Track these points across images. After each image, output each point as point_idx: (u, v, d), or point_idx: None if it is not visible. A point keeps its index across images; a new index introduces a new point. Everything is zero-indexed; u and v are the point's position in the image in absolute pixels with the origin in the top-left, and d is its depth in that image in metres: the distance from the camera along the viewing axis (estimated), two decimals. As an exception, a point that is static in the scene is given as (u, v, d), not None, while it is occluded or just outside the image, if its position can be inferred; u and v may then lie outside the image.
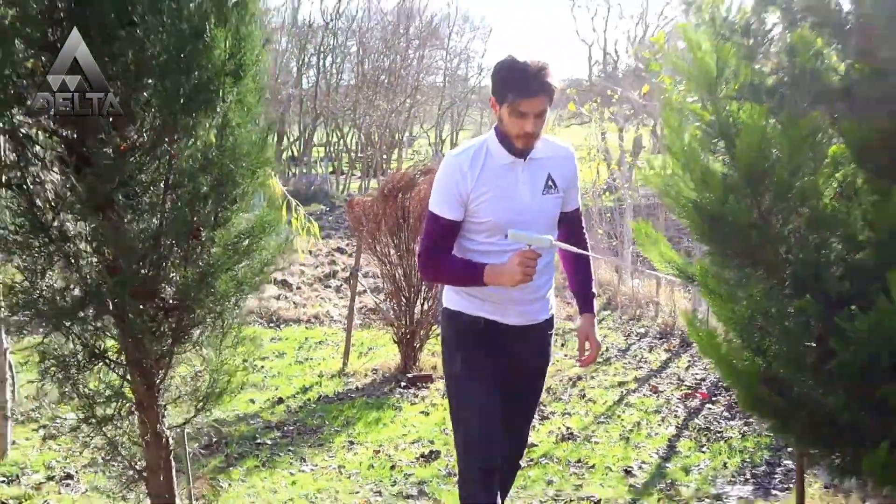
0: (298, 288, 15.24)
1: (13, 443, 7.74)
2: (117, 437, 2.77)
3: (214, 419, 8.36)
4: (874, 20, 3.04)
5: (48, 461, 7.36)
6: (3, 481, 7.09)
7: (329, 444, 7.77)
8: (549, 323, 4.08)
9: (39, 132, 2.69)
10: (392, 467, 7.08)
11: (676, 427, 7.99)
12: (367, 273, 14.15)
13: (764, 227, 4.00)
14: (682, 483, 6.60)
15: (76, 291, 2.58)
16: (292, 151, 36.78)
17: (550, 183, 3.83)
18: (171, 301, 2.60)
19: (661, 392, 9.12)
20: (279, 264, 2.89)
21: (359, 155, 35.03)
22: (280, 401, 9.14)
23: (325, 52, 35.08)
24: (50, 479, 7.03)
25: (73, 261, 2.56)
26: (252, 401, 9.14)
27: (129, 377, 2.70)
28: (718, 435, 7.70)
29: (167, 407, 2.76)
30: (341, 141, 36.23)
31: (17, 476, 7.11)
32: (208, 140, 2.58)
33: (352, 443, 7.78)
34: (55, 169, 2.64)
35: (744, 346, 4.31)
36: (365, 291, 12.65)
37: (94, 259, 2.59)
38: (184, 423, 2.82)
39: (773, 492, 6.37)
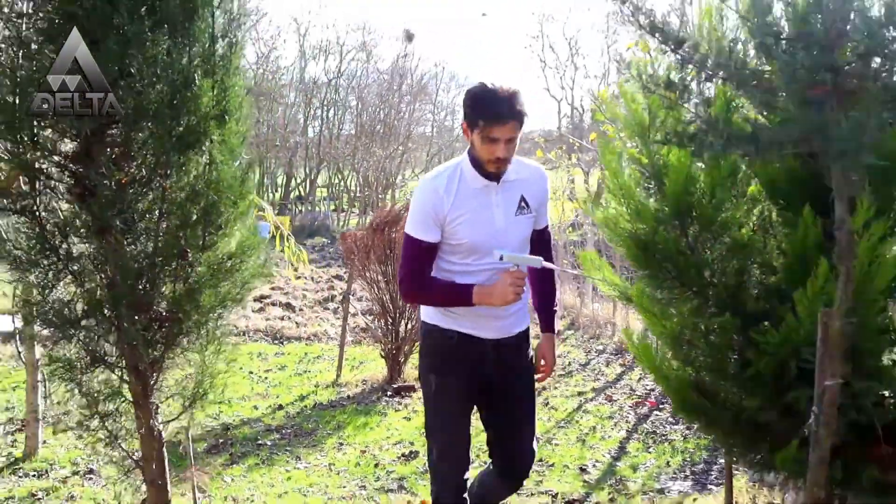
0: (301, 310, 15.21)
1: (44, 442, 7.70)
2: (117, 431, 2.77)
3: (221, 423, 8.35)
4: (776, 76, 3.07)
5: (74, 458, 7.33)
6: (34, 475, 7.05)
7: (322, 445, 7.74)
8: (525, 335, 3.79)
9: (52, 168, 2.70)
10: (376, 465, 7.06)
11: (627, 431, 7.98)
12: (360, 297, 14.14)
13: (690, 254, 4.03)
14: (630, 479, 6.60)
15: (80, 304, 2.59)
16: (299, 191, 36.72)
17: (523, 204, 3.53)
18: (162, 313, 2.62)
19: (615, 400, 9.10)
20: (256, 284, 2.88)
21: (357, 195, 35.00)
22: (280, 407, 9.10)
23: (328, 105, 35.17)
24: (75, 473, 7.00)
25: (78, 278, 2.58)
26: (256, 407, 9.11)
27: (126, 378, 2.71)
28: (663, 437, 7.68)
29: (160, 405, 2.76)
30: (342, 182, 36.22)
31: (47, 471, 7.08)
32: (196, 175, 2.60)
33: (341, 444, 7.75)
34: (64, 198, 2.65)
35: (675, 357, 4.33)
36: (356, 314, 12.62)
37: (97, 276, 2.61)
38: (175, 419, 2.82)
39: (709, 486, 6.37)
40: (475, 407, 3.80)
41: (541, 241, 3.86)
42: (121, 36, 2.49)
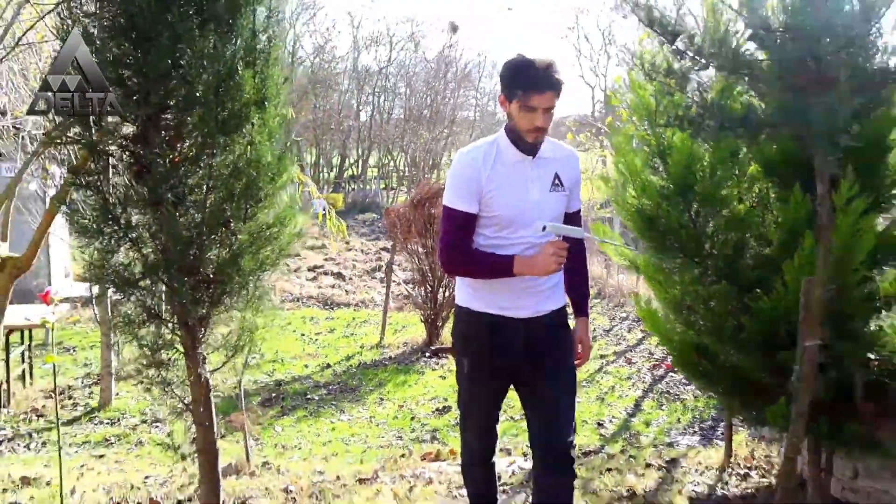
0: (350, 279, 15.42)
1: (117, 394, 7.97)
2: (170, 378, 2.93)
3: (275, 379, 8.55)
4: (768, 65, 3.10)
5: (143, 408, 7.57)
6: (107, 423, 7.31)
7: (364, 399, 7.90)
8: (562, 313, 3.34)
9: (114, 148, 2.82)
10: (412, 418, 7.20)
11: (643, 390, 8.03)
12: (403, 268, 14.28)
13: (692, 228, 4.07)
14: (644, 434, 6.66)
15: (137, 268, 2.73)
16: (353, 171, 36.96)
17: (557, 181, 3.21)
18: (209, 275, 2.75)
19: (634, 363, 9.15)
20: (293, 250, 3.00)
21: (405, 174, 35.16)
22: (328, 366, 9.28)
23: (378, 91, 35.31)
24: (143, 421, 7.25)
25: (135, 244, 2.71)
26: (306, 365, 9.30)
27: (177, 333, 2.85)
28: (676, 397, 7.73)
29: (207, 356, 2.91)
30: (392, 163, 36.41)
31: (119, 419, 7.34)
32: (239, 154, 2.72)
33: (382, 399, 7.90)
34: (124, 175, 2.78)
35: (678, 322, 4.37)
36: (399, 283, 12.75)
37: (152, 243, 2.75)
38: (219, 368, 2.97)
39: (715, 441, 6.42)
40: (510, 385, 3.41)
41: (574, 223, 3.42)
42: (172, 32, 2.59)
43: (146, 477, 5.16)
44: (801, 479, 4.69)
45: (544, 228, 3.00)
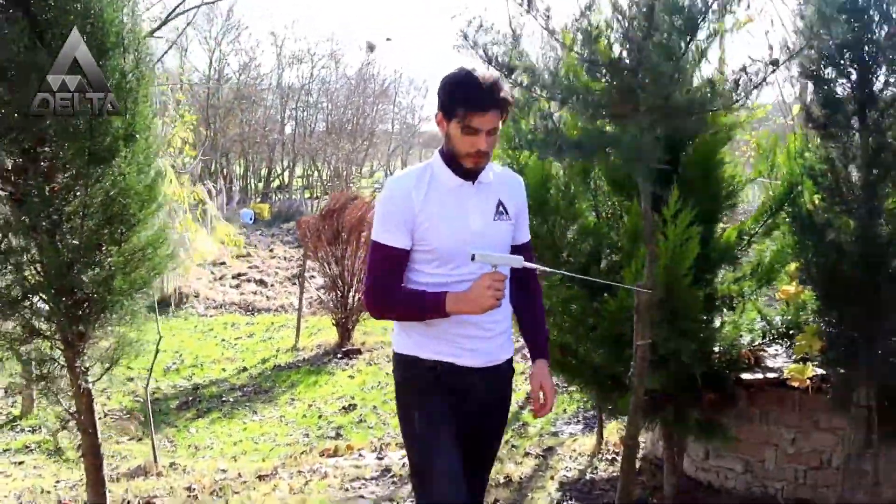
0: (272, 285, 15.33)
1: (38, 402, 7.81)
2: (55, 389, 2.96)
3: (193, 384, 8.49)
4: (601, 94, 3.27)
5: (62, 416, 7.44)
6: (29, 431, 7.17)
7: (276, 400, 7.92)
8: (510, 364, 2.76)
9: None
10: (319, 416, 7.26)
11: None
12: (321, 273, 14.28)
13: (548, 237, 4.24)
14: (532, 424, 6.82)
15: (18, 289, 2.76)
16: (280, 181, 36.66)
17: (501, 209, 2.66)
18: (86, 295, 2.80)
19: (527, 359, 9.33)
20: (165, 271, 3.04)
21: (328, 184, 35.02)
22: (244, 369, 9.27)
23: (302, 106, 35.13)
24: (64, 428, 7.11)
25: (17, 268, 2.74)
26: (223, 369, 9.26)
27: (61, 347, 2.89)
28: (564, 389, 7.90)
29: (89, 368, 2.95)
30: (315, 173, 36.22)
31: (39, 427, 7.20)
32: (111, 183, 2.77)
33: (293, 399, 7.94)
34: (6, 204, 2.80)
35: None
36: (309, 289, 12.75)
37: (31, 267, 2.78)
38: (98, 378, 3.02)
39: (596, 429, 6.61)
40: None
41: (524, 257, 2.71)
42: (40, 73, 2.63)
43: (57, 481, 5.11)
44: (659, 460, 4.93)
45: (473, 258, 2.46)
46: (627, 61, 3.17)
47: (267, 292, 14.60)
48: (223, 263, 17.52)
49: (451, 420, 2.58)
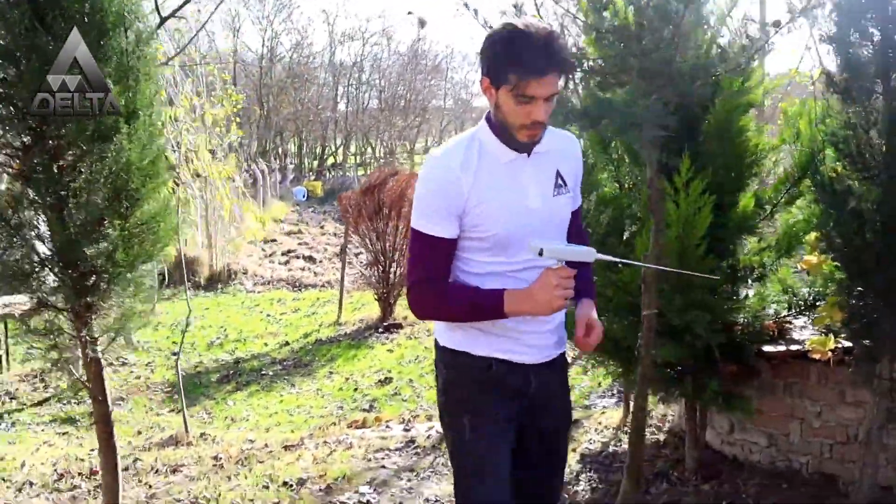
0: (321, 262, 15.53)
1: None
2: (66, 358, 3.10)
3: (235, 357, 8.69)
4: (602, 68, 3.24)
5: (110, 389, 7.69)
6: (75, 403, 7.43)
7: (315, 374, 8.05)
8: (564, 358, 2.44)
9: (6, 157, 2.93)
10: (355, 389, 7.36)
11: (572, 358, 8.19)
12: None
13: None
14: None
15: (28, 263, 2.87)
16: (334, 159, 37.08)
17: (560, 181, 2.28)
18: (91, 267, 2.90)
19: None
20: (168, 244, 3.13)
21: (382, 161, 35.26)
22: (286, 343, 9.43)
23: (354, 83, 35.38)
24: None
25: (27, 242, 2.85)
26: (266, 344, 9.44)
27: (71, 318, 3.01)
28: (601, 363, 7.87)
29: (98, 338, 3.07)
30: (369, 150, 36.52)
31: (86, 399, 7.44)
32: (114, 160, 2.85)
33: (331, 373, 8.06)
34: (17, 181, 2.91)
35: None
36: (354, 265, 12.87)
37: (42, 241, 2.89)
38: (107, 346, 3.14)
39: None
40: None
41: (575, 227, 2.45)
42: (43, 56, 2.73)
43: (91, 450, 5.30)
44: (684, 433, 4.90)
45: (541, 253, 2.09)
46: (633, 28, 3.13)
47: (315, 268, 14.81)
48: (274, 241, 17.84)
49: (506, 428, 2.30)
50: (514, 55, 2.03)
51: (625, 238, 4.33)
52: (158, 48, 6.41)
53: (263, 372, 8.16)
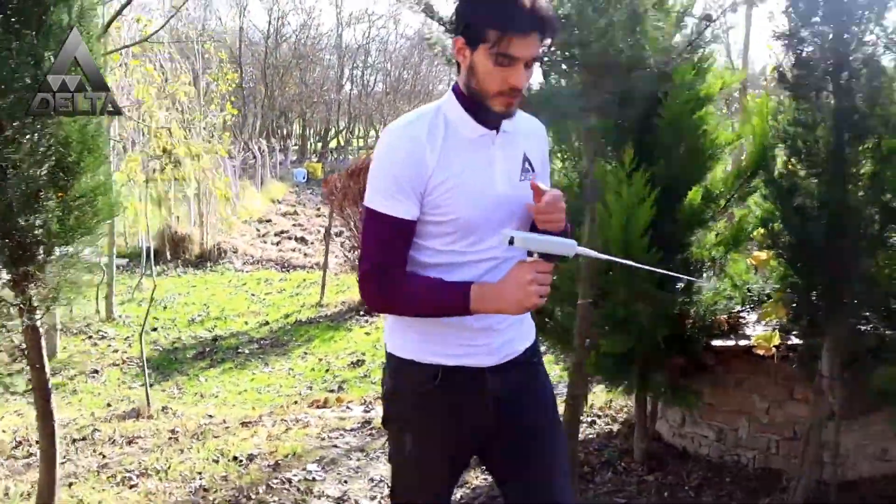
0: (312, 243, 15.59)
1: (63, 348, 8.20)
2: (6, 325, 3.16)
3: (213, 335, 8.77)
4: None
5: (84, 360, 7.79)
6: (51, 373, 7.52)
7: (290, 354, 8.11)
8: (534, 349, 2.13)
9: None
10: (327, 370, 7.42)
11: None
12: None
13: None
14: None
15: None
16: (338, 141, 37.14)
17: (527, 165, 2.03)
18: (28, 237, 2.96)
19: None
20: (108, 218, 3.18)
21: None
22: (266, 323, 9.48)
23: (360, 66, 35.37)
24: (81, 373, 7.46)
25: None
26: (246, 322, 9.50)
27: (11, 288, 3.08)
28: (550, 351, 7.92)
29: (36, 307, 3.14)
30: (373, 133, 36.53)
31: (61, 370, 7.55)
32: (51, 134, 2.91)
33: (306, 353, 8.12)
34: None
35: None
36: (339, 246, 12.92)
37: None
38: (42, 315, 3.21)
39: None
40: (470, 461, 2.34)
41: None
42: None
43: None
44: (631, 423, 4.94)
45: (511, 241, 1.83)
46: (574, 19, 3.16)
47: (305, 249, 14.87)
48: (269, 221, 17.91)
49: (452, 445, 2.08)
50: (495, 9, 1.80)
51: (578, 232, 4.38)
52: (117, 27, 6.49)
53: (240, 350, 8.23)
